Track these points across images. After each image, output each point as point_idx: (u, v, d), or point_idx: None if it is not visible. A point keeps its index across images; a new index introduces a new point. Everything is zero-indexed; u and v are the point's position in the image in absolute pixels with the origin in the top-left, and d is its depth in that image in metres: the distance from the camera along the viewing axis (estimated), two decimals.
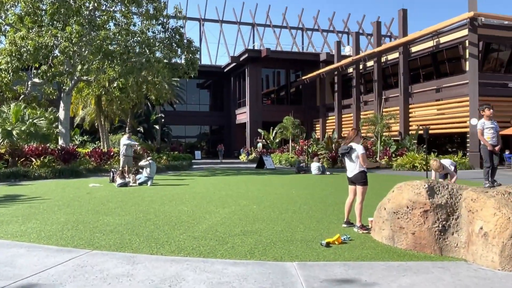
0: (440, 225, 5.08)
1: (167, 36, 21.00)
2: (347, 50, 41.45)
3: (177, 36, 20.93)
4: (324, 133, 38.21)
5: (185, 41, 21.55)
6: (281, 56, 39.17)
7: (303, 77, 37.95)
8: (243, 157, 37.14)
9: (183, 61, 22.26)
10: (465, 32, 24.81)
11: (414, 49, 28.25)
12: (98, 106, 26.22)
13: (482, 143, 7.16)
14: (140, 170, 13.20)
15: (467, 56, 24.89)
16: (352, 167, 6.64)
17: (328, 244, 5.55)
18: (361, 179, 6.57)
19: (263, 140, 36.20)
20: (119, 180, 12.38)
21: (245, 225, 6.94)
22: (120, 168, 13.78)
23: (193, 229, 6.59)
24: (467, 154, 22.72)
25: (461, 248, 4.96)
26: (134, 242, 5.75)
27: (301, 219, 7.48)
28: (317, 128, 39.37)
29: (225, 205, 9.02)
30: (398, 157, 24.33)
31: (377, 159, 24.80)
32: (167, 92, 25.53)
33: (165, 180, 15.10)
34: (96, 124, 29.09)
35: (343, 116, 35.81)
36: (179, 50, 21.43)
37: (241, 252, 5.29)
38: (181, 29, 21.41)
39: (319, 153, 27.42)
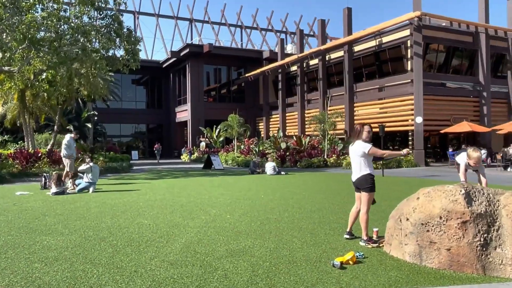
0: (482, 239, 4.25)
1: (104, 24, 18.90)
2: (288, 48, 41.21)
3: (116, 24, 18.90)
4: (268, 132, 37.65)
5: (124, 30, 19.57)
6: (224, 52, 37.94)
7: (247, 75, 37.03)
8: (185, 157, 35.39)
9: (122, 53, 20.27)
10: (407, 32, 25.31)
11: (358, 48, 28.43)
12: (21, 102, 23.21)
13: None
14: (80, 174, 11.32)
15: (409, 56, 25.43)
16: (356, 169, 5.67)
17: (342, 265, 4.53)
18: (366, 183, 5.56)
19: (206, 139, 34.75)
20: (54, 188, 10.44)
21: (228, 242, 5.71)
22: (66, 172, 11.79)
23: (165, 251, 5.24)
24: (413, 151, 23.08)
25: (508, 266, 4.16)
26: (90, 275, 4.30)
27: (290, 230, 6.39)
28: (260, 127, 38.67)
29: (193, 215, 7.68)
30: (347, 155, 24.18)
31: (325, 157, 24.52)
32: (103, 87, 23.21)
33: (107, 185, 13.28)
34: (19, 122, 25.93)
35: (287, 114, 35.41)
36: (117, 40, 19.41)
37: (240, 282, 4.09)
38: (120, 16, 19.39)
39: (266, 152, 26.68)
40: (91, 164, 11.13)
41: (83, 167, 11.04)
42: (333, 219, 7.29)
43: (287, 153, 25.28)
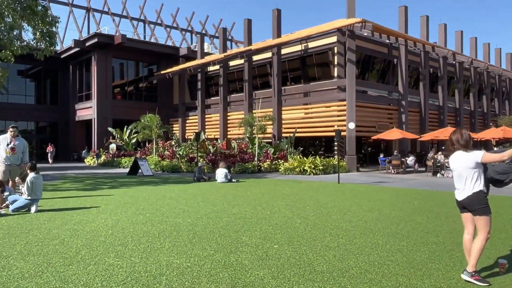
0: None
1: None
2: (205, 48, 39.42)
3: None
4: (184, 134, 35.40)
5: (40, 7, 16.12)
6: (137, 46, 34.63)
7: (164, 71, 34.23)
8: (90, 161, 31.34)
9: (31, 35, 16.71)
10: (334, 38, 25.68)
11: (286, 51, 28.05)
12: None
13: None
14: (17, 188, 8.36)
15: (336, 62, 25.83)
16: (462, 186, 4.54)
17: None
18: (479, 204, 4.44)
19: (117, 141, 31.20)
20: None
21: None
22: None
23: None
24: (345, 157, 23.29)
25: None
26: None
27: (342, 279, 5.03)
28: (175, 128, 36.13)
29: (265, 254, 5.83)
30: (279, 160, 23.49)
31: (258, 162, 23.48)
32: (2, 76, 18.83)
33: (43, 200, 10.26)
34: None
35: (206, 116, 33.61)
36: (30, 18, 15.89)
37: None
38: None
39: (192, 156, 24.69)
40: (34, 174, 8.32)
41: (18, 180, 8.13)
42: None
43: (217, 158, 23.68)
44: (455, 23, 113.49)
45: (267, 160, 23.50)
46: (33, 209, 8.21)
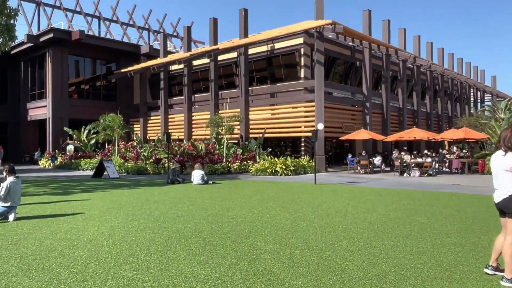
0: None
1: None
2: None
3: None
4: (146, 135, 34.30)
5: None
6: (96, 43, 33.11)
7: (125, 70, 32.95)
8: (44, 163, 29.53)
9: None
10: (300, 40, 25.84)
11: (252, 51, 27.85)
12: None
13: None
14: None
15: (303, 63, 26.00)
16: (498, 187, 4.53)
17: None
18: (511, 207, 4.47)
19: (74, 142, 29.61)
20: None
21: None
22: None
23: None
24: (314, 158, 23.42)
25: None
26: None
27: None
28: (136, 129, 34.86)
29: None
30: (248, 161, 23.26)
31: (227, 163, 23.11)
32: None
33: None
34: None
35: (170, 116, 32.72)
36: None
37: None
38: None
39: (159, 157, 23.91)
40: (12, 178, 7.51)
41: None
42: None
43: (185, 159, 23.08)
44: (415, 28, 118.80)
45: (237, 161, 23.18)
46: (11, 217, 7.44)
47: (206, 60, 29.74)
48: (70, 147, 29.10)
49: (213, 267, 4.79)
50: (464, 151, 25.50)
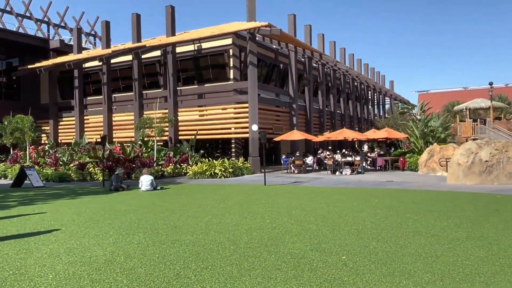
0: None
1: None
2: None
3: None
4: (57, 137, 31.21)
5: None
6: None
7: (32, 66, 29.50)
8: None
9: None
10: (229, 40, 25.71)
11: (179, 50, 26.94)
12: None
13: None
14: None
15: (231, 65, 25.89)
16: None
17: None
18: None
19: None
20: None
21: None
22: None
23: None
24: (249, 159, 23.45)
25: None
26: None
27: None
28: (46, 131, 31.46)
29: None
30: (182, 164, 22.47)
31: (160, 167, 22.01)
32: None
33: None
34: None
35: (86, 117, 30.15)
36: None
37: None
38: None
39: (81, 162, 21.94)
40: None
41: None
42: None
43: (114, 164, 21.46)
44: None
45: (170, 165, 22.23)
46: None
47: (126, 58, 27.97)
48: None
49: (279, 283, 4.44)
50: (376, 149, 27.69)
